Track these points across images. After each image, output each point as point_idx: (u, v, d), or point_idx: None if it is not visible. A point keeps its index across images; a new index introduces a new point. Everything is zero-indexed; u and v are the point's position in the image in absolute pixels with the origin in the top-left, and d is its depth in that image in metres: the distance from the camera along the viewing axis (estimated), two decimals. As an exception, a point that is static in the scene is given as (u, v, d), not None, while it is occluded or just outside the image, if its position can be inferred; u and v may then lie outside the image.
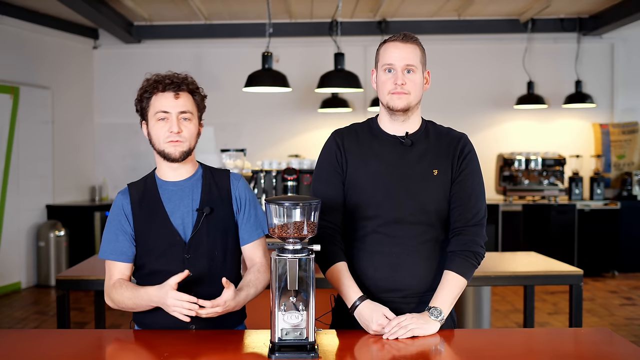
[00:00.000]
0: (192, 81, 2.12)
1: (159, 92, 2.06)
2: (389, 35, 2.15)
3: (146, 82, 2.10)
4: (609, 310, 5.92)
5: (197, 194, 2.12)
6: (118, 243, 2.11)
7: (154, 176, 2.17)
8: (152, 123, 2.08)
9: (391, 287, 2.08)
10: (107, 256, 2.12)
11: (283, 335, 1.78)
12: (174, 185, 2.12)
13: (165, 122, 2.06)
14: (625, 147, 8.04)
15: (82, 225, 7.33)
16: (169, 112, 2.05)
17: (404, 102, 2.06)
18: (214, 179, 2.16)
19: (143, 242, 2.10)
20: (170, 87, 2.06)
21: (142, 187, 2.15)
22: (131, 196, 2.13)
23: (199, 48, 8.14)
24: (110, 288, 2.10)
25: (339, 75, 5.63)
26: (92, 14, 6.67)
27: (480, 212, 2.11)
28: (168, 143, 2.06)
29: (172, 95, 2.05)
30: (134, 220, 2.11)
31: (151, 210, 2.10)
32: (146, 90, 2.08)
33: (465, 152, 2.12)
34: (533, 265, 3.73)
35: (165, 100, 2.06)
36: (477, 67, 8.18)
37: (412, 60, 2.05)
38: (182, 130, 2.06)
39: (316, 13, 7.52)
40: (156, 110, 2.06)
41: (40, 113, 7.26)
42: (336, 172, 2.13)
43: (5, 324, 5.45)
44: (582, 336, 2.18)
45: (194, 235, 2.08)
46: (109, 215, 2.16)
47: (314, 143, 7.89)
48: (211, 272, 2.09)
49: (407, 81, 2.05)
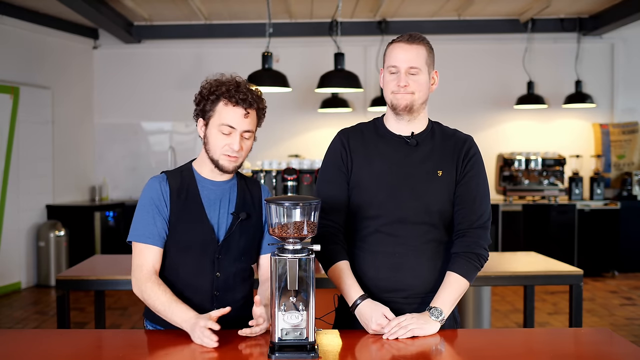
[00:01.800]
0: (262, 99, 2.08)
1: (230, 104, 2.01)
2: (389, 35, 2.16)
3: (215, 84, 2.04)
4: (609, 310, 5.92)
5: (234, 198, 2.13)
6: (156, 227, 2.04)
7: (191, 169, 2.14)
8: (213, 131, 2.04)
9: (393, 287, 2.08)
10: (144, 239, 2.03)
11: (283, 335, 1.78)
12: (212, 184, 2.11)
13: (228, 136, 2.03)
14: (625, 147, 8.04)
15: (82, 225, 7.33)
16: (235, 128, 2.02)
17: (407, 101, 2.07)
18: (247, 186, 2.18)
19: (174, 233, 2.06)
20: (243, 103, 2.01)
21: (179, 177, 2.10)
22: (170, 184, 2.08)
23: (199, 48, 8.14)
24: (144, 279, 2.01)
25: (339, 75, 5.63)
26: (92, 14, 6.67)
27: (484, 215, 2.11)
28: (224, 156, 2.04)
29: (243, 113, 2.01)
30: (170, 208, 2.06)
31: (189, 203, 2.07)
32: (214, 93, 2.03)
33: (470, 154, 2.13)
34: (533, 265, 3.73)
35: (234, 115, 2.01)
36: (477, 67, 8.18)
37: (415, 62, 2.05)
38: (242, 147, 2.05)
39: (316, 13, 7.52)
40: (222, 122, 2.01)
41: (40, 113, 7.26)
42: (341, 171, 2.14)
43: (5, 324, 5.45)
44: (582, 336, 2.18)
45: (227, 237, 2.08)
46: (143, 198, 2.07)
47: (314, 143, 7.90)
48: (235, 276, 2.11)
49: (411, 82, 2.05)
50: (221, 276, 2.08)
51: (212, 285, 2.06)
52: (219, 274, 2.07)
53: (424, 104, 2.12)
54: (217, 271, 2.07)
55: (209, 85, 2.05)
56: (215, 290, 2.07)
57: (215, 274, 2.07)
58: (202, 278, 2.06)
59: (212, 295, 2.07)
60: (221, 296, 2.08)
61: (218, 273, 2.07)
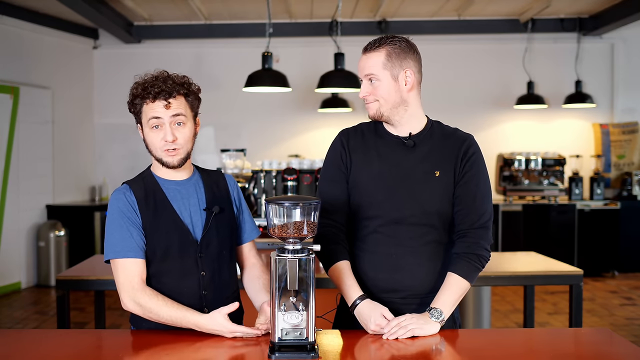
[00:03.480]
0: (181, 82, 2.03)
1: (150, 101, 2.00)
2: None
3: (135, 87, 2.03)
4: (609, 310, 5.92)
5: (201, 193, 2.11)
6: (133, 239, 1.99)
7: (152, 174, 2.11)
8: (146, 130, 2.04)
9: (391, 288, 2.08)
10: (125, 255, 1.97)
11: (283, 335, 1.78)
12: (176, 184, 2.09)
13: (160, 129, 2.01)
14: (625, 147, 8.04)
15: (82, 225, 7.33)
16: (161, 117, 2.00)
17: (372, 111, 2.08)
18: (211, 179, 2.16)
19: (150, 242, 2.02)
20: (160, 95, 1.98)
21: (142, 184, 2.07)
22: (135, 192, 2.04)
23: (199, 48, 8.14)
24: (136, 291, 1.96)
25: (339, 75, 5.62)
26: (92, 14, 6.67)
27: (485, 215, 2.09)
28: (165, 152, 2.02)
29: (163, 104, 1.99)
30: (142, 217, 2.02)
31: (158, 208, 2.04)
32: (136, 96, 2.02)
33: (469, 153, 2.10)
34: (533, 265, 3.73)
35: (155, 109, 2.00)
36: (477, 67, 8.18)
37: (370, 70, 2.04)
38: (177, 137, 2.01)
39: (316, 13, 7.52)
40: (149, 117, 2.01)
41: (40, 113, 7.26)
42: (341, 171, 2.13)
43: (5, 324, 5.45)
44: (582, 336, 2.18)
45: (205, 235, 2.06)
46: (112, 213, 2.02)
47: (314, 143, 7.89)
48: (221, 272, 2.10)
49: (371, 89, 2.05)
50: (207, 275, 2.06)
51: (199, 286, 2.04)
52: (204, 272, 2.05)
53: (402, 106, 2.07)
54: (202, 270, 2.05)
55: (131, 90, 2.05)
56: (203, 290, 2.05)
57: (200, 273, 2.05)
58: (188, 280, 2.04)
59: (201, 295, 2.05)
60: (210, 295, 2.06)
61: (203, 272, 2.05)
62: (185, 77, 2.07)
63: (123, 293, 1.98)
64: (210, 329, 1.93)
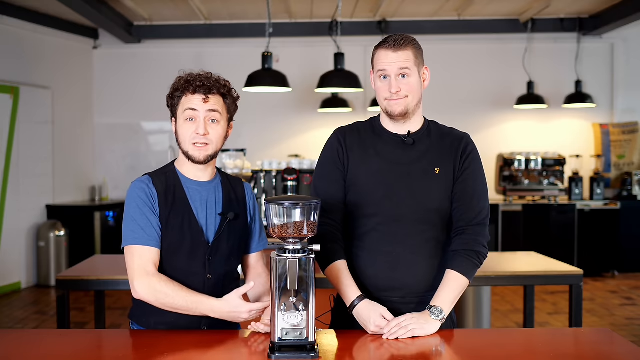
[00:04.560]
0: (224, 83, 2.08)
1: (189, 93, 2.04)
2: (389, 35, 2.14)
3: (178, 81, 2.07)
4: (609, 310, 5.92)
5: (220, 198, 2.12)
6: (153, 228, 2.00)
7: (175, 170, 2.12)
8: (180, 122, 2.06)
9: (390, 286, 2.07)
10: (145, 242, 1.98)
11: (283, 335, 1.78)
12: (197, 185, 2.10)
13: (193, 122, 2.03)
14: (625, 147, 8.05)
15: (82, 225, 7.33)
16: (197, 109, 2.03)
17: (402, 107, 2.06)
18: (231, 185, 2.17)
19: (164, 235, 2.03)
20: (200, 89, 2.03)
21: (164, 179, 2.08)
22: (156, 185, 2.05)
23: (199, 48, 8.14)
24: (150, 277, 1.96)
25: (339, 75, 5.62)
26: (92, 14, 6.67)
27: (482, 212, 2.10)
28: (193, 146, 2.04)
29: (202, 98, 2.03)
30: (159, 210, 2.03)
31: (177, 205, 2.05)
32: (177, 89, 2.06)
33: (467, 151, 2.12)
34: (533, 265, 3.73)
35: (194, 100, 2.03)
36: (477, 67, 8.18)
37: (405, 64, 2.04)
38: (209, 132, 2.03)
39: (316, 13, 7.52)
40: (185, 108, 2.04)
41: (40, 113, 7.26)
42: (338, 169, 2.13)
43: (5, 324, 5.45)
44: (582, 336, 2.18)
45: (217, 239, 2.08)
46: (134, 200, 2.02)
47: (314, 143, 7.89)
48: (225, 278, 2.11)
49: (402, 85, 2.05)
50: (212, 278, 2.07)
51: (203, 287, 2.05)
52: (210, 275, 2.07)
53: (419, 103, 2.11)
54: (208, 273, 2.07)
55: (173, 85, 2.09)
56: (207, 292, 2.05)
57: (207, 275, 2.06)
58: (193, 280, 2.04)
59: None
60: (212, 297, 2.04)
61: (209, 275, 2.07)
62: (228, 82, 2.12)
63: (136, 279, 1.98)
64: (227, 311, 1.96)
